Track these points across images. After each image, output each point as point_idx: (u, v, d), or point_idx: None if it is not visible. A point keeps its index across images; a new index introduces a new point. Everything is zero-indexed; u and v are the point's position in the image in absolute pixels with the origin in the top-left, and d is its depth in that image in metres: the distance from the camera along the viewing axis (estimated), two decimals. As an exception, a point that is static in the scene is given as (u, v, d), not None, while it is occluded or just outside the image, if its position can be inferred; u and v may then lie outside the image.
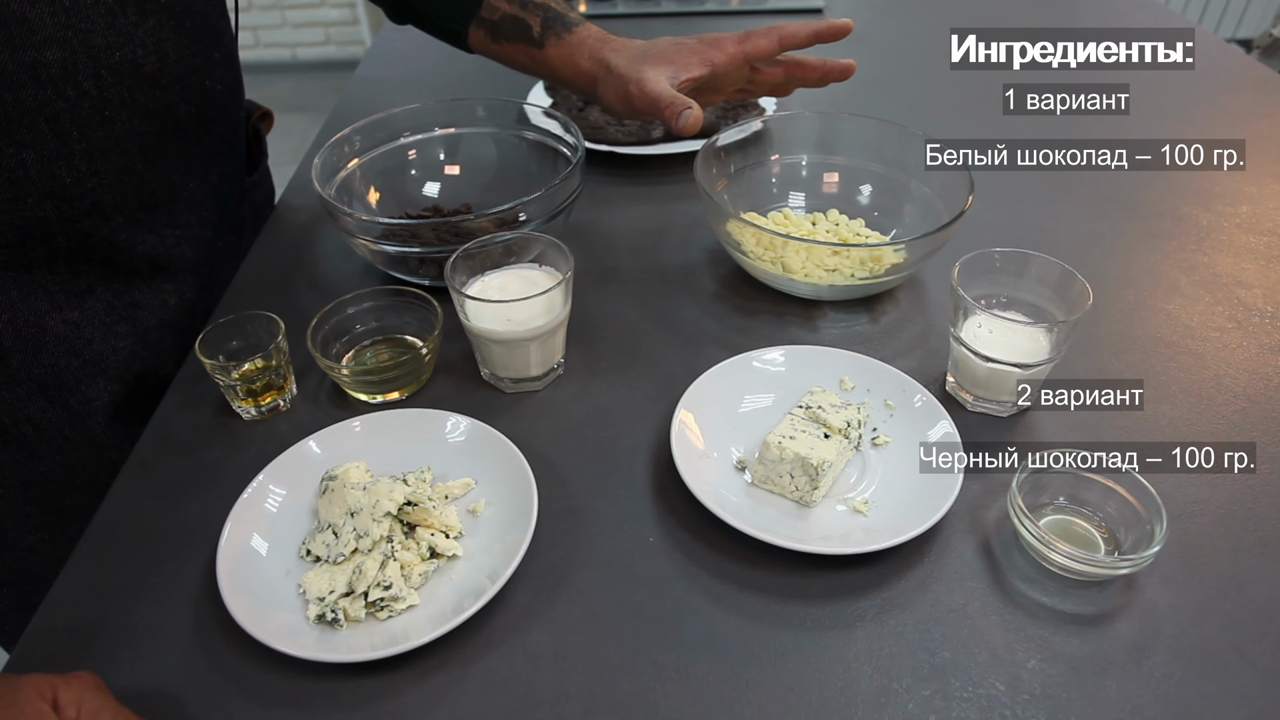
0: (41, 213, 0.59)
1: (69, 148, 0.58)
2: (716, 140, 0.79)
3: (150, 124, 0.62)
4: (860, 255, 0.70)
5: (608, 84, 0.71)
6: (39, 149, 0.57)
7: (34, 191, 0.58)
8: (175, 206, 0.68)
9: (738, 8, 1.33)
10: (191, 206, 0.70)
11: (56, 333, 0.63)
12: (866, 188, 0.82)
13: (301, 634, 0.47)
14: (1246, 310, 0.71)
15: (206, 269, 0.74)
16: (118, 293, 0.66)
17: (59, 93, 0.56)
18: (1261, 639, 0.47)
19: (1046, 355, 0.59)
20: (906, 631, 0.48)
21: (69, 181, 0.59)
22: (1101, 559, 0.49)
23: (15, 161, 0.57)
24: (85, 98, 0.58)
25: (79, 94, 0.57)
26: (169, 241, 0.68)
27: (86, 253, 0.63)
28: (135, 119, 0.61)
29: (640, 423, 0.61)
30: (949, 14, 1.30)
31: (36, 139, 0.57)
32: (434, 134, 0.83)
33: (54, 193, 0.59)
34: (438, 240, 0.68)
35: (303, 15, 3.36)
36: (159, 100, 0.62)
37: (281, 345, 0.61)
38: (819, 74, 0.75)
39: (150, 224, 0.66)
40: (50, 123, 0.57)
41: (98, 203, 0.61)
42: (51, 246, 0.61)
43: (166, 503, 0.56)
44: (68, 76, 0.56)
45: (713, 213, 0.72)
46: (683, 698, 0.45)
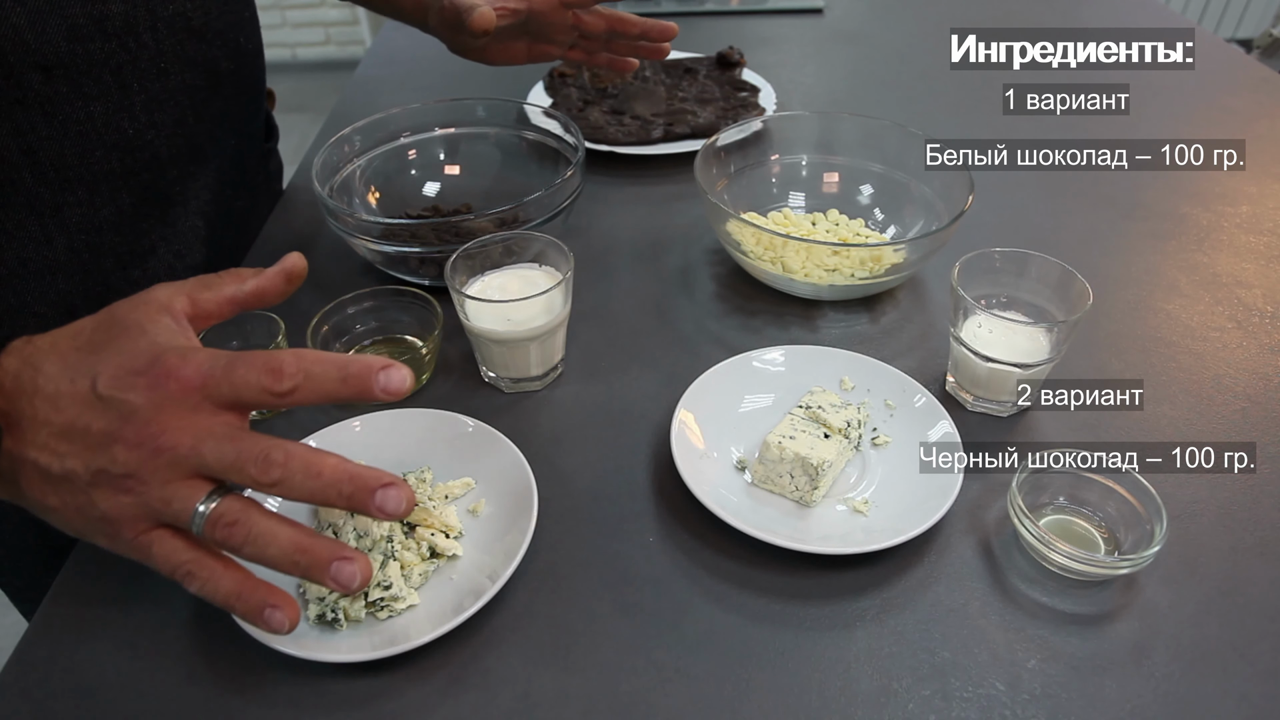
0: (108, 165, 0.61)
1: (130, 99, 0.60)
2: (717, 140, 0.79)
3: (198, 77, 0.65)
4: (860, 255, 0.70)
5: (433, 8, 0.76)
6: (105, 101, 0.59)
7: (101, 144, 0.60)
8: (221, 162, 0.71)
9: (738, 7, 1.33)
10: (228, 164, 0.72)
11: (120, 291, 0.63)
12: (866, 188, 0.82)
13: (301, 634, 0.47)
14: (1246, 310, 0.71)
15: (230, 231, 0.76)
16: (178, 254, 0.68)
17: (122, 45, 0.58)
18: (1261, 639, 0.47)
19: (1046, 355, 0.59)
20: (906, 631, 0.48)
21: (131, 133, 0.61)
22: (1101, 559, 0.49)
23: (84, 114, 0.58)
24: (145, 49, 0.60)
25: (139, 46, 0.59)
26: (216, 197, 0.70)
27: (147, 209, 0.65)
28: (186, 72, 0.63)
29: (640, 423, 0.61)
30: (949, 14, 1.30)
31: (103, 91, 0.58)
32: (434, 134, 0.83)
33: (119, 144, 0.61)
34: (438, 240, 0.68)
35: (303, 15, 3.36)
36: (205, 54, 0.65)
37: (281, 345, 0.61)
38: (638, 30, 0.81)
39: (201, 177, 0.68)
40: (114, 74, 0.59)
41: (156, 155, 0.63)
42: (118, 204, 0.62)
43: (166, 503, 0.56)
44: (129, 29, 0.58)
45: (713, 213, 0.72)
46: (683, 698, 0.45)
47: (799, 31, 1.26)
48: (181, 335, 0.42)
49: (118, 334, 0.41)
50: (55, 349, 0.41)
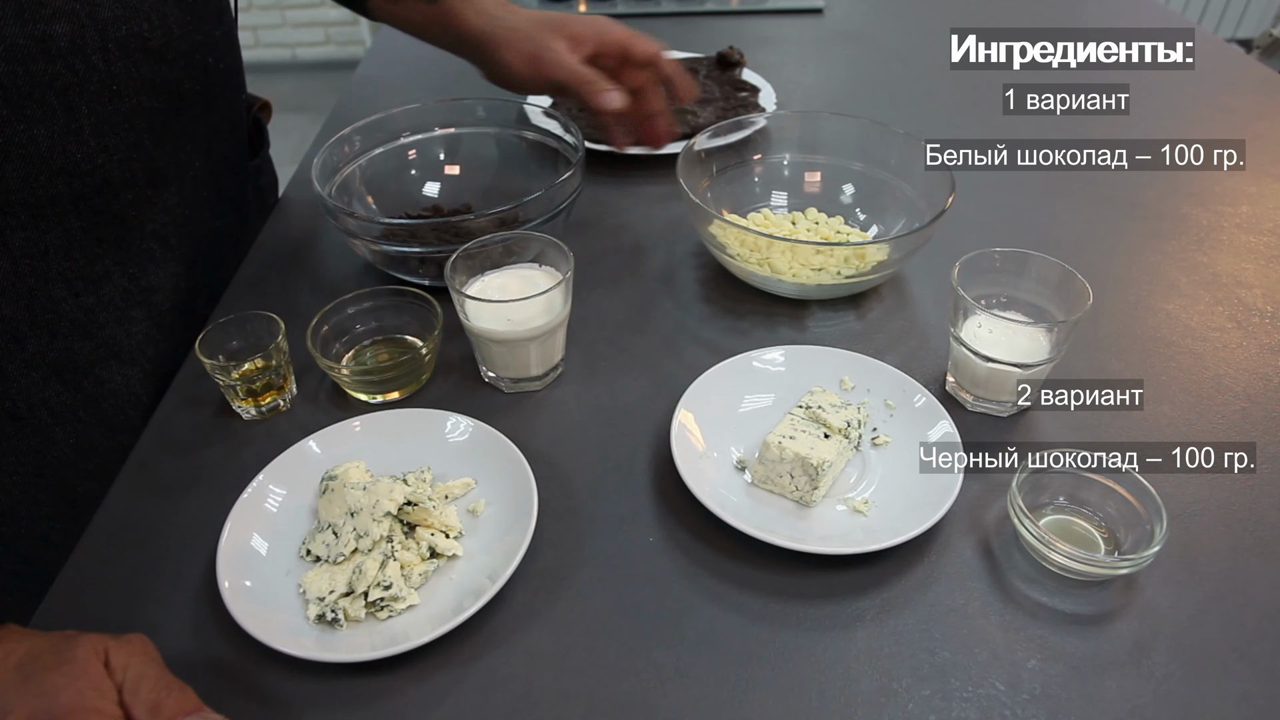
0: (54, 190, 0.59)
1: (79, 123, 0.58)
2: (694, 143, 0.78)
3: (156, 100, 0.63)
4: (844, 253, 0.70)
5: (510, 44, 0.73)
6: (50, 124, 0.57)
7: (46, 168, 0.58)
8: (182, 184, 0.69)
9: (738, 8, 1.33)
10: (196, 185, 0.70)
11: (72, 318, 0.63)
12: (849, 187, 0.82)
13: (301, 634, 0.47)
14: (1246, 310, 0.71)
15: (213, 252, 0.74)
16: (133, 278, 0.66)
17: (68, 66, 0.56)
18: (1261, 639, 0.47)
19: (1046, 355, 0.59)
20: (906, 631, 0.48)
21: (79, 157, 0.59)
22: (1101, 559, 0.49)
23: (27, 138, 0.56)
24: (94, 72, 0.58)
25: (87, 68, 0.57)
26: (177, 220, 0.69)
27: (100, 233, 0.63)
28: (142, 94, 0.61)
29: (640, 423, 0.61)
30: (949, 14, 1.30)
31: (47, 114, 0.56)
32: (434, 134, 0.83)
33: (65, 169, 0.59)
34: (438, 240, 0.68)
35: (303, 15, 3.36)
36: (164, 76, 0.63)
37: (281, 345, 0.61)
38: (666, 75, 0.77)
39: (159, 202, 0.66)
40: (60, 97, 0.57)
41: (108, 179, 0.62)
42: (66, 228, 0.61)
43: (166, 503, 0.56)
44: (76, 50, 0.56)
45: (696, 214, 0.72)
46: (683, 698, 0.45)
47: (799, 31, 1.26)
48: (93, 693, 0.41)
49: (39, 675, 0.41)
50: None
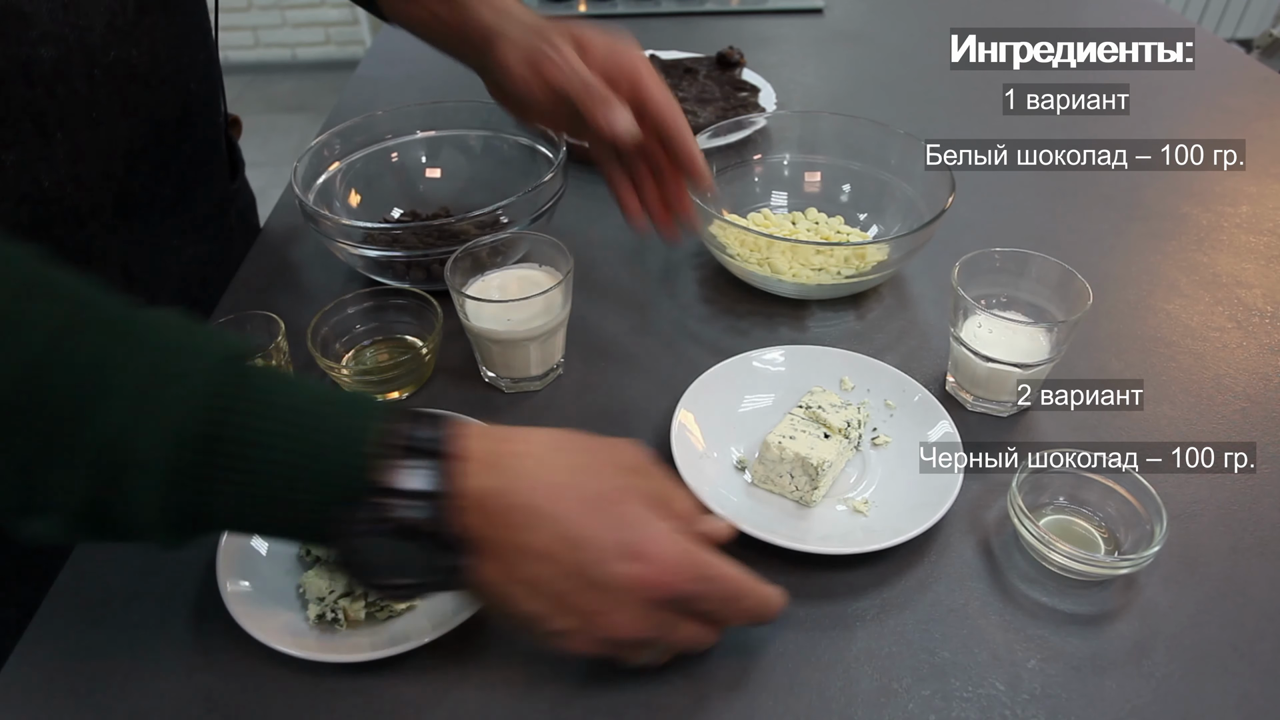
0: (16, 218, 0.56)
1: (52, 150, 0.56)
2: None
3: (136, 127, 0.61)
4: (844, 253, 0.70)
5: (513, 40, 0.61)
6: (21, 150, 0.55)
7: (10, 195, 0.55)
8: (150, 214, 0.66)
9: (738, 8, 1.33)
10: (165, 214, 0.68)
11: None
12: (848, 186, 0.82)
13: (301, 634, 0.47)
14: (1246, 310, 0.71)
15: (185, 281, 0.72)
16: None
17: (49, 92, 0.54)
18: (1261, 639, 0.47)
19: (1046, 355, 0.59)
20: (906, 631, 0.48)
21: (47, 185, 0.57)
22: (1101, 559, 0.49)
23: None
24: (75, 97, 0.56)
25: (69, 94, 0.55)
26: (145, 251, 0.66)
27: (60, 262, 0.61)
28: (121, 122, 0.59)
29: (640, 423, 0.61)
30: (949, 14, 1.30)
31: (19, 139, 0.54)
32: (416, 137, 0.82)
33: (30, 196, 0.56)
34: (420, 244, 0.68)
35: (303, 15, 3.36)
36: (146, 101, 0.61)
37: (281, 345, 0.61)
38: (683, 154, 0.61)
39: (124, 232, 0.64)
40: (35, 122, 0.54)
41: (74, 209, 0.59)
42: None
43: (166, 503, 0.56)
44: (60, 75, 0.54)
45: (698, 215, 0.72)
46: (683, 698, 0.45)
47: (799, 31, 1.26)
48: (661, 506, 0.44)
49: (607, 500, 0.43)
50: (540, 470, 0.43)
